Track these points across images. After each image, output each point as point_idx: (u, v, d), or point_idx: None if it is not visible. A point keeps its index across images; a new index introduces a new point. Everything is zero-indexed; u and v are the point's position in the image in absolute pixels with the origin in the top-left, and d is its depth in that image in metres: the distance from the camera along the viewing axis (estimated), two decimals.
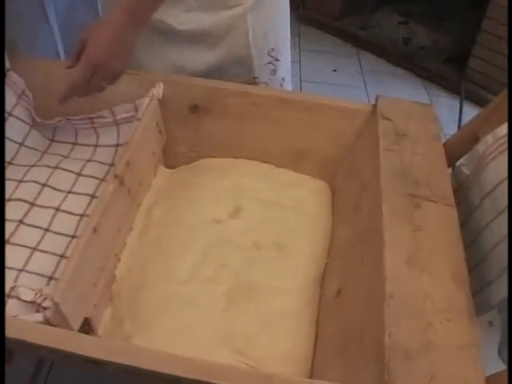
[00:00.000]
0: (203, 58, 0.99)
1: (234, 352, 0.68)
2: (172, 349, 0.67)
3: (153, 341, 0.70)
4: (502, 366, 0.60)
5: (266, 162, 0.98)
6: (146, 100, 0.90)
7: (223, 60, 1.00)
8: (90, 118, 0.98)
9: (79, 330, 0.68)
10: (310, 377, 0.68)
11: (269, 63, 1.03)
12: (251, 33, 0.97)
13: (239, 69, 1.00)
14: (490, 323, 1.24)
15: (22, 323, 0.60)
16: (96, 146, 1.01)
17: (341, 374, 0.60)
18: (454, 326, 0.55)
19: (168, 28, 0.96)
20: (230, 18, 0.94)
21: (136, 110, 0.93)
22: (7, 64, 0.95)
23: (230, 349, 0.69)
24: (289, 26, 1.08)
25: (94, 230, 0.71)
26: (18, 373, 1.11)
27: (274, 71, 1.05)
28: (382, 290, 0.58)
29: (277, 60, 1.04)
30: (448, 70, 2.45)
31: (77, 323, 0.67)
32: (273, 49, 1.02)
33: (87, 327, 0.72)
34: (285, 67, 1.08)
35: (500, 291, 0.67)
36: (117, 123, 0.97)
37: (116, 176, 0.78)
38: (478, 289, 0.70)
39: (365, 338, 0.58)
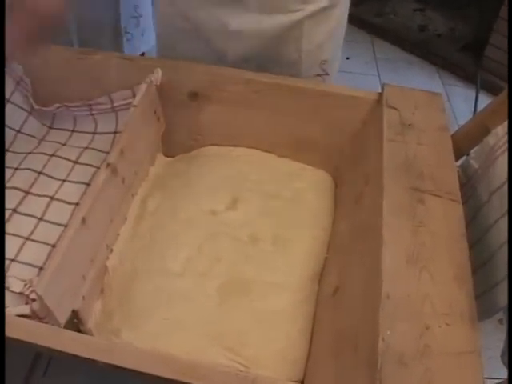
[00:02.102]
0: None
1: (225, 350, 0.66)
2: (161, 345, 0.65)
3: (142, 336, 0.67)
4: None
5: (267, 152, 0.95)
6: (144, 86, 0.87)
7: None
8: (89, 104, 0.95)
9: (68, 323, 0.66)
10: (303, 378, 0.65)
11: (318, 75, 1.00)
12: (305, 39, 0.93)
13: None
14: (501, 321, 1.20)
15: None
16: (94, 133, 0.99)
17: (333, 378, 0.57)
18: (454, 331, 0.52)
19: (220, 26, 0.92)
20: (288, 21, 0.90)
21: (134, 96, 0.91)
22: None
23: (221, 346, 0.66)
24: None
25: (83, 221, 0.68)
26: (17, 363, 1.10)
27: None
28: (379, 289, 0.54)
29: (326, 74, 1.00)
30: (464, 58, 2.39)
31: (63, 316, 0.65)
32: (325, 60, 0.99)
33: (76, 320, 0.70)
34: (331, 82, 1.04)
35: (507, 293, 0.64)
36: (115, 110, 0.95)
37: (108, 164, 0.75)
38: (483, 290, 0.67)
39: (359, 340, 0.55)
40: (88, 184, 0.89)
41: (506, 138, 0.70)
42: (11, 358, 0.59)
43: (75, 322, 0.69)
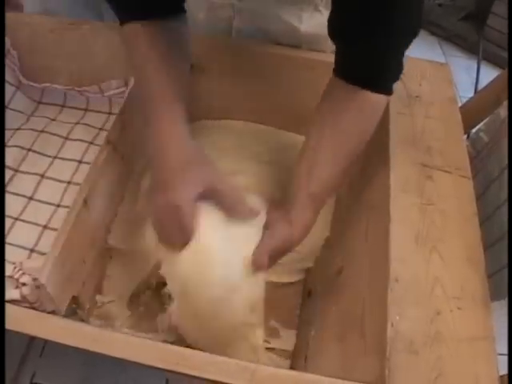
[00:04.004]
0: None
1: None
2: None
3: None
4: None
5: (265, 125, 0.91)
6: None
7: None
8: (78, 90, 0.91)
9: (67, 309, 0.63)
10: (305, 360, 0.62)
11: None
12: None
13: None
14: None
15: None
16: (86, 109, 0.95)
17: (339, 364, 0.54)
18: (466, 316, 0.49)
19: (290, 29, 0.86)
20: None
21: (126, 84, 0.87)
22: None
23: None
24: None
25: (85, 202, 0.65)
26: (13, 344, 1.09)
27: None
28: (386, 272, 0.51)
29: None
30: (466, 28, 2.33)
31: (64, 303, 0.63)
32: None
33: (75, 305, 0.67)
34: None
35: None
36: (106, 97, 0.91)
37: (109, 142, 0.71)
38: (494, 270, 0.64)
39: (365, 325, 0.52)
40: (80, 161, 0.86)
41: None
42: (7, 339, 0.56)
43: (74, 308, 0.67)
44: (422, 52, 2.20)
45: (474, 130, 0.79)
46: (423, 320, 0.48)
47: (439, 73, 0.78)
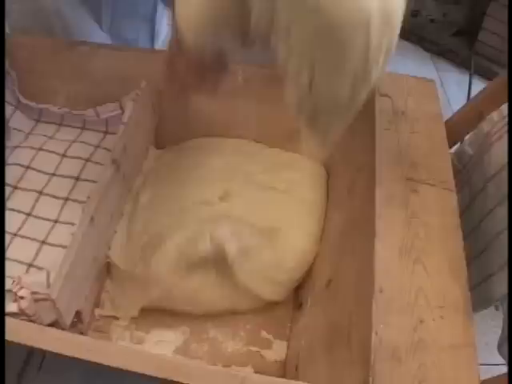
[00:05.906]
0: None
1: None
2: None
3: None
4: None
5: (258, 142, 0.92)
6: (131, 104, 0.82)
7: None
8: (74, 114, 0.93)
9: None
10: (296, 370, 0.64)
11: None
12: None
13: None
14: (496, 307, 1.19)
15: None
16: (83, 128, 0.97)
17: (327, 372, 0.55)
18: (448, 324, 0.51)
19: None
20: None
21: (121, 108, 0.89)
22: None
23: None
24: None
25: (92, 220, 0.66)
26: (10, 358, 1.09)
27: None
28: (371, 282, 0.53)
29: None
30: (458, 43, 2.37)
31: (70, 318, 0.64)
32: None
33: (76, 320, 0.68)
34: None
35: (503, 284, 0.63)
36: (102, 119, 0.94)
37: (114, 161, 0.73)
38: (478, 281, 0.66)
39: (352, 335, 0.53)
40: (77, 178, 0.88)
41: (501, 123, 0.68)
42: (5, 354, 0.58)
43: (74, 322, 0.68)
44: (414, 67, 2.24)
45: (460, 144, 0.81)
46: (407, 328, 0.50)
47: (425, 89, 0.80)
